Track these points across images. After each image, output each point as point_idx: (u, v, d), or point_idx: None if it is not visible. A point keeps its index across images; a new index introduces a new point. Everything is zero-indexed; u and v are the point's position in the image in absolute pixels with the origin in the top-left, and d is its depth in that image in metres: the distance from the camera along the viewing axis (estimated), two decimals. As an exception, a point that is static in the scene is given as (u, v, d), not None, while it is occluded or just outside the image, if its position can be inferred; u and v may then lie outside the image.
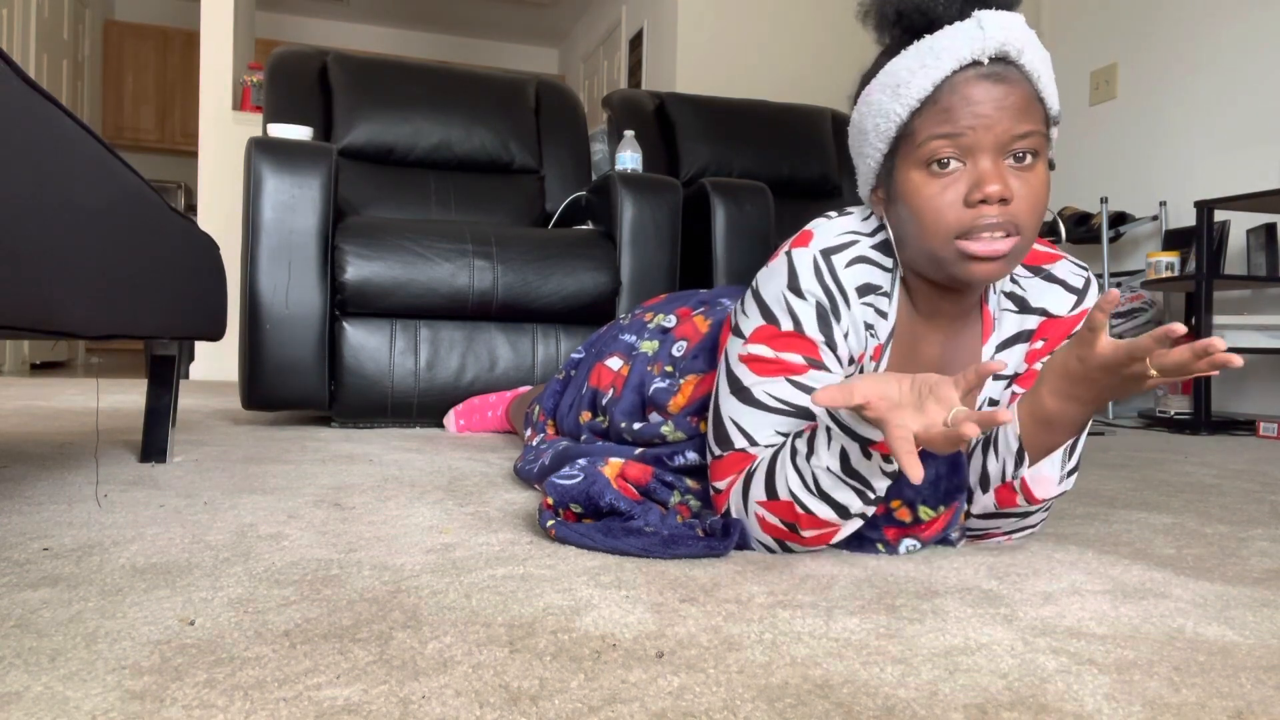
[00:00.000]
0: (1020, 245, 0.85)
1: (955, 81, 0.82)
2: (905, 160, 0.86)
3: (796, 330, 0.93)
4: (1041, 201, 0.84)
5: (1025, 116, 0.82)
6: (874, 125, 0.88)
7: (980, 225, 0.83)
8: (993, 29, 0.81)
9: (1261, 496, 1.46)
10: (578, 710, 0.54)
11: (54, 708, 0.52)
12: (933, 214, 0.84)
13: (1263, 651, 0.68)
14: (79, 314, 0.82)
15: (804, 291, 0.93)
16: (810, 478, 0.87)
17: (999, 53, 0.81)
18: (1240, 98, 3.18)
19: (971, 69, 0.82)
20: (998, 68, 0.82)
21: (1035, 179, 0.84)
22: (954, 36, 0.82)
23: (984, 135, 0.81)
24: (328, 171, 2.12)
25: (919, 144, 0.84)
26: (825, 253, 0.94)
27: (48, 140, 0.74)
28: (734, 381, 0.96)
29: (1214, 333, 2.80)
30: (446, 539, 0.99)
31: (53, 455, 1.54)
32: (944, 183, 0.84)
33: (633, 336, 1.42)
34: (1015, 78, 0.82)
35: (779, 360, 0.93)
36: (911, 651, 0.66)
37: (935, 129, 0.82)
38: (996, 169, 0.82)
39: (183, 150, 7.01)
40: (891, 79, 0.85)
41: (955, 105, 0.82)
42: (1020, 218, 0.83)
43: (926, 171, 0.84)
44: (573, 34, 7.60)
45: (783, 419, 0.93)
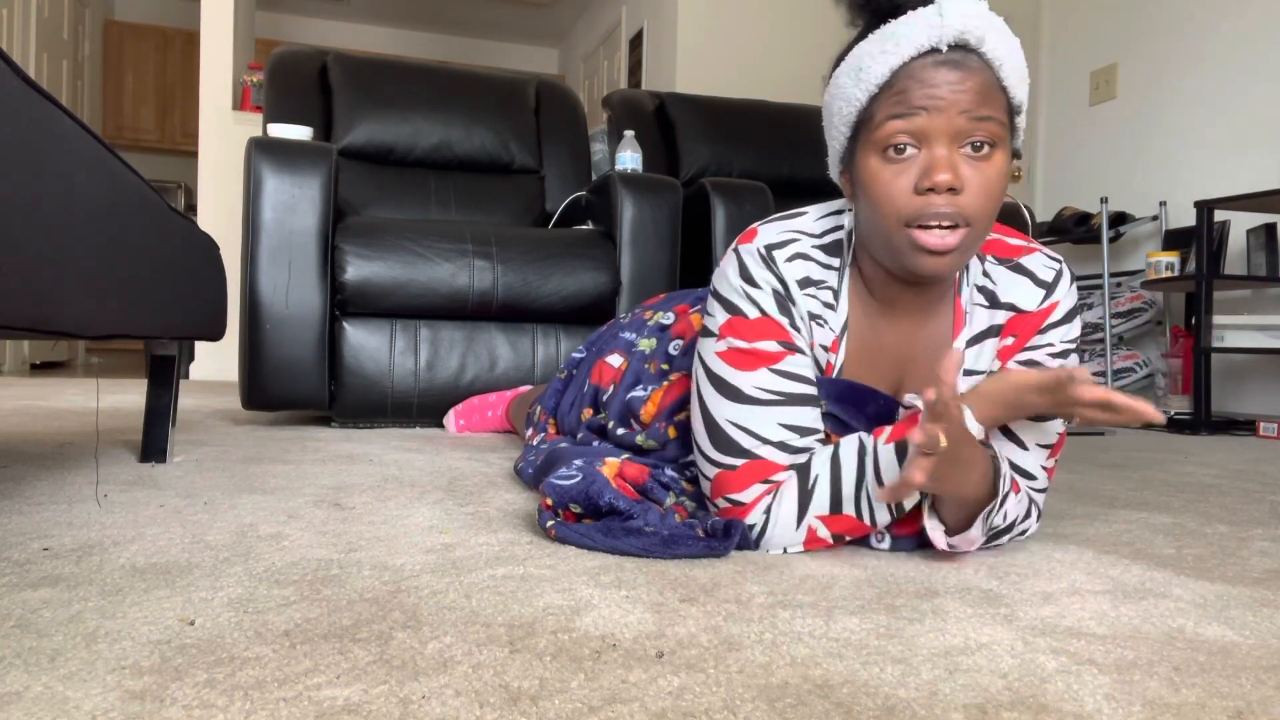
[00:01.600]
0: (970, 237, 0.85)
1: (913, 67, 0.83)
2: (864, 145, 0.87)
3: (762, 314, 0.94)
4: (995, 192, 0.84)
5: (983, 102, 0.82)
6: (838, 109, 0.89)
7: (928, 214, 0.83)
8: (952, 16, 0.81)
9: (1261, 496, 1.46)
10: (578, 710, 0.54)
11: (54, 708, 0.52)
12: (886, 200, 0.85)
13: (1263, 651, 0.68)
14: (79, 314, 0.82)
15: (757, 280, 0.95)
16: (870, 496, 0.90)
17: (958, 40, 0.82)
18: (1240, 98, 3.18)
19: (930, 55, 0.82)
20: (956, 55, 0.82)
21: (990, 169, 0.84)
22: (914, 23, 0.82)
23: (937, 118, 0.82)
24: (328, 171, 2.12)
25: (875, 127, 0.85)
26: (768, 247, 0.96)
27: (48, 140, 0.74)
28: (718, 382, 0.96)
29: (1214, 333, 2.80)
30: (446, 539, 0.99)
31: (53, 455, 1.54)
32: (897, 169, 0.84)
33: (632, 334, 1.42)
34: (974, 64, 0.82)
35: (755, 350, 0.94)
36: (911, 651, 0.66)
37: (891, 110, 0.83)
38: (949, 157, 0.83)
39: (183, 150, 7.01)
40: (855, 62, 0.86)
41: (910, 88, 0.82)
42: (970, 209, 0.83)
43: (882, 157, 0.85)
44: (573, 34, 7.60)
45: (779, 410, 0.94)
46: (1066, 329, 0.99)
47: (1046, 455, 0.98)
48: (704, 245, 2.53)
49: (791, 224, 0.99)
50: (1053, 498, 1.38)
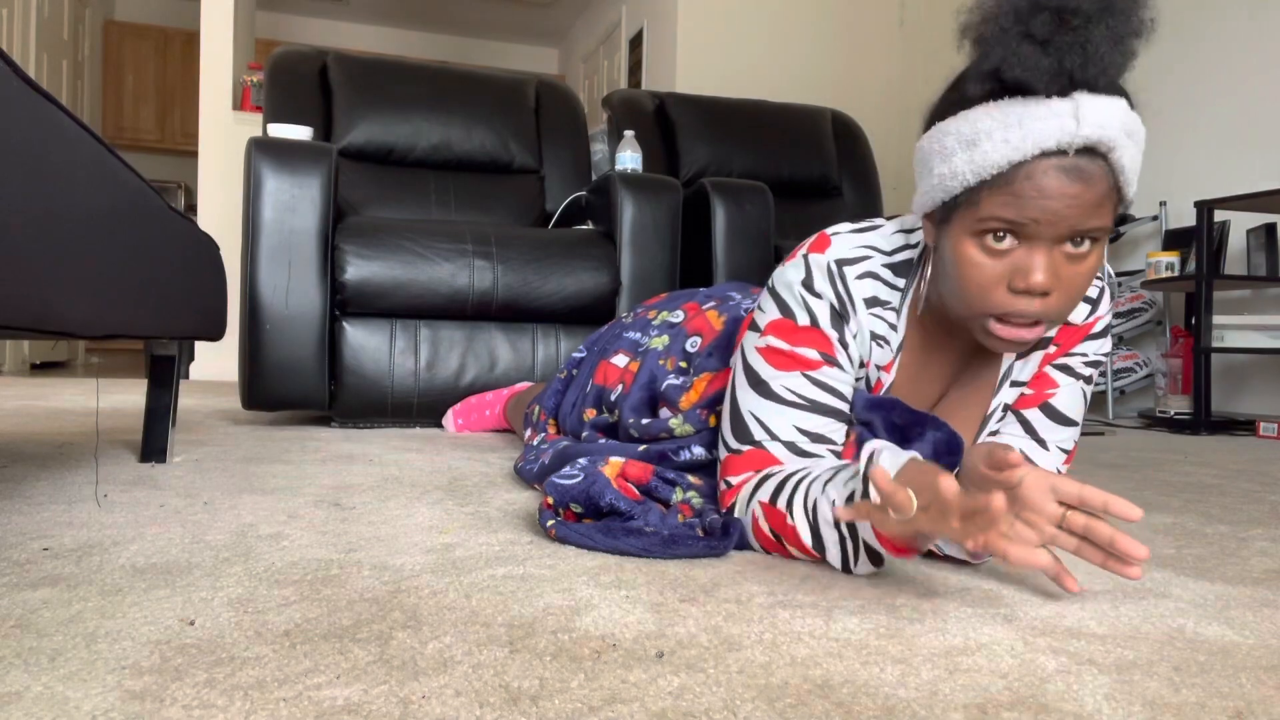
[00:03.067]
0: (1047, 330, 0.84)
1: (1033, 168, 0.77)
2: (962, 219, 0.82)
3: (812, 324, 0.94)
4: (1084, 288, 0.82)
5: (1095, 215, 0.78)
6: (940, 173, 0.83)
7: (1014, 313, 0.81)
8: (1090, 118, 0.75)
9: (1261, 496, 1.46)
10: (578, 710, 0.54)
11: (54, 708, 0.52)
12: (975, 287, 0.82)
13: (1263, 651, 0.68)
14: (79, 314, 0.82)
15: (818, 291, 0.94)
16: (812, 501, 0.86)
17: (1088, 145, 0.76)
18: (1240, 98, 3.18)
19: (1054, 157, 0.76)
20: (1082, 160, 0.76)
21: (1085, 265, 0.81)
22: (1045, 120, 0.76)
23: (1047, 229, 0.78)
24: (328, 171, 2.12)
25: (980, 216, 0.80)
26: (839, 262, 0.95)
27: (48, 140, 0.74)
28: (751, 375, 0.97)
29: (1214, 333, 2.80)
30: (446, 539, 0.99)
31: (53, 455, 1.54)
32: (993, 259, 0.81)
33: (638, 334, 1.42)
34: (1097, 174, 0.77)
35: (794, 354, 0.95)
36: (911, 651, 0.66)
37: (999, 211, 0.79)
38: (1049, 260, 0.79)
39: (183, 150, 7.02)
40: (970, 130, 0.79)
41: (1026, 192, 0.77)
42: (1056, 310, 0.81)
43: (978, 242, 0.81)
44: (573, 34, 7.60)
45: (800, 413, 0.94)
46: (1102, 342, 1.00)
47: (1063, 460, 1.00)
48: (704, 245, 2.53)
49: (865, 239, 0.97)
50: (1053, 498, 1.38)
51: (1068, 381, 0.99)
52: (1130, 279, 3.48)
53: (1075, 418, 0.99)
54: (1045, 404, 0.98)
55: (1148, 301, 3.36)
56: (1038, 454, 0.98)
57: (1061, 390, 0.98)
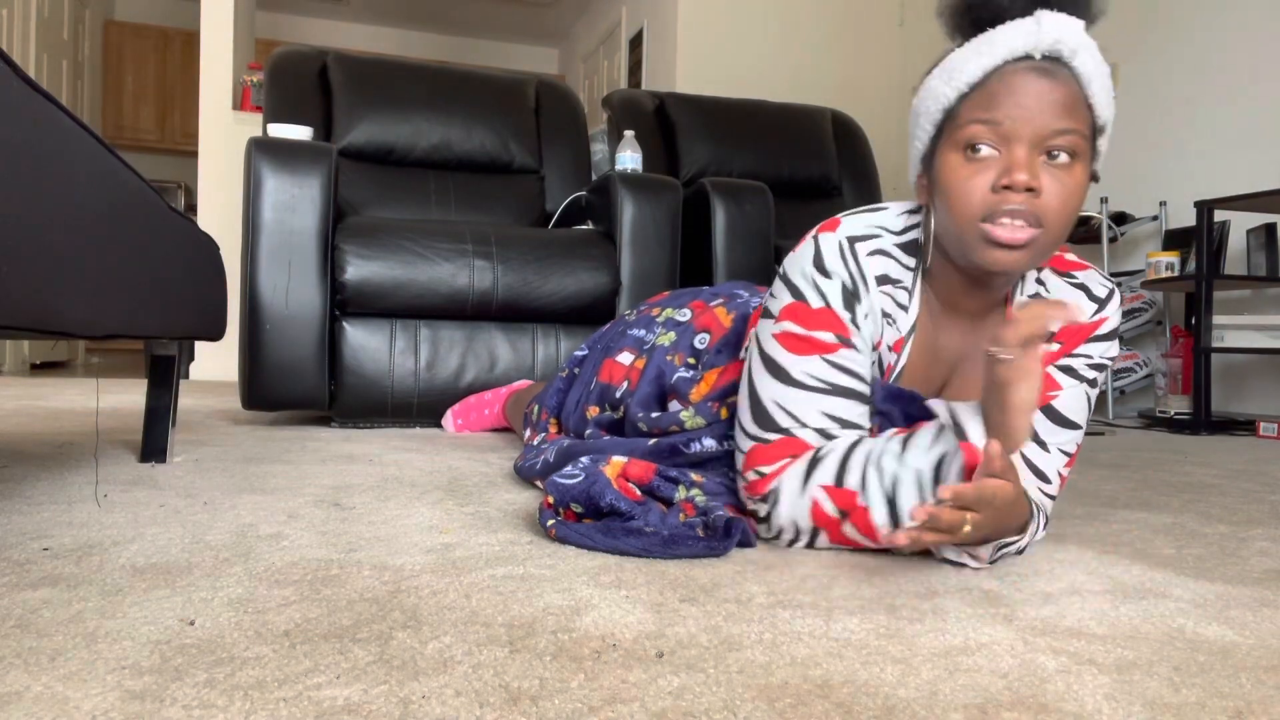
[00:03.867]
0: (1043, 240, 0.85)
1: (1004, 71, 0.84)
2: (946, 142, 0.88)
3: (826, 306, 0.95)
4: (1072, 202, 0.85)
5: (1068, 114, 0.83)
6: (926, 108, 0.90)
7: (1003, 209, 0.84)
8: (1049, 27, 0.83)
9: (1261, 496, 1.46)
10: (578, 710, 0.54)
11: (54, 708, 0.52)
12: (962, 195, 0.86)
13: (1263, 651, 0.68)
14: (79, 314, 0.82)
15: (829, 270, 0.95)
16: (890, 476, 0.88)
17: (1052, 50, 0.83)
18: (1240, 98, 3.18)
19: (1023, 61, 0.84)
20: (1048, 64, 0.83)
21: (1070, 179, 0.84)
22: (1011, 30, 0.84)
23: (1022, 125, 0.83)
24: (328, 171, 2.12)
25: (960, 125, 0.86)
26: (850, 239, 0.96)
27: (48, 140, 0.74)
28: (769, 362, 0.97)
29: (1214, 333, 2.80)
30: (446, 539, 0.99)
31: (53, 455, 1.54)
32: (976, 167, 0.85)
33: (643, 331, 1.42)
34: (1064, 76, 0.83)
35: (811, 338, 0.95)
36: (911, 651, 0.66)
37: (976, 113, 0.84)
38: (1029, 160, 0.83)
39: (183, 150, 7.02)
40: (949, 65, 0.88)
41: (999, 92, 0.83)
42: (1046, 212, 0.84)
43: (963, 154, 0.86)
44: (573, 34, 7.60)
45: (825, 398, 0.94)
46: (1108, 345, 1.00)
47: (1065, 463, 0.99)
48: (704, 245, 2.53)
49: (875, 218, 0.99)
50: (1053, 498, 1.38)
51: (1071, 383, 0.98)
52: (1130, 279, 3.48)
53: (1078, 420, 0.99)
54: (1047, 405, 0.98)
55: (1148, 301, 3.36)
56: (1038, 455, 0.98)
57: (1064, 392, 0.98)
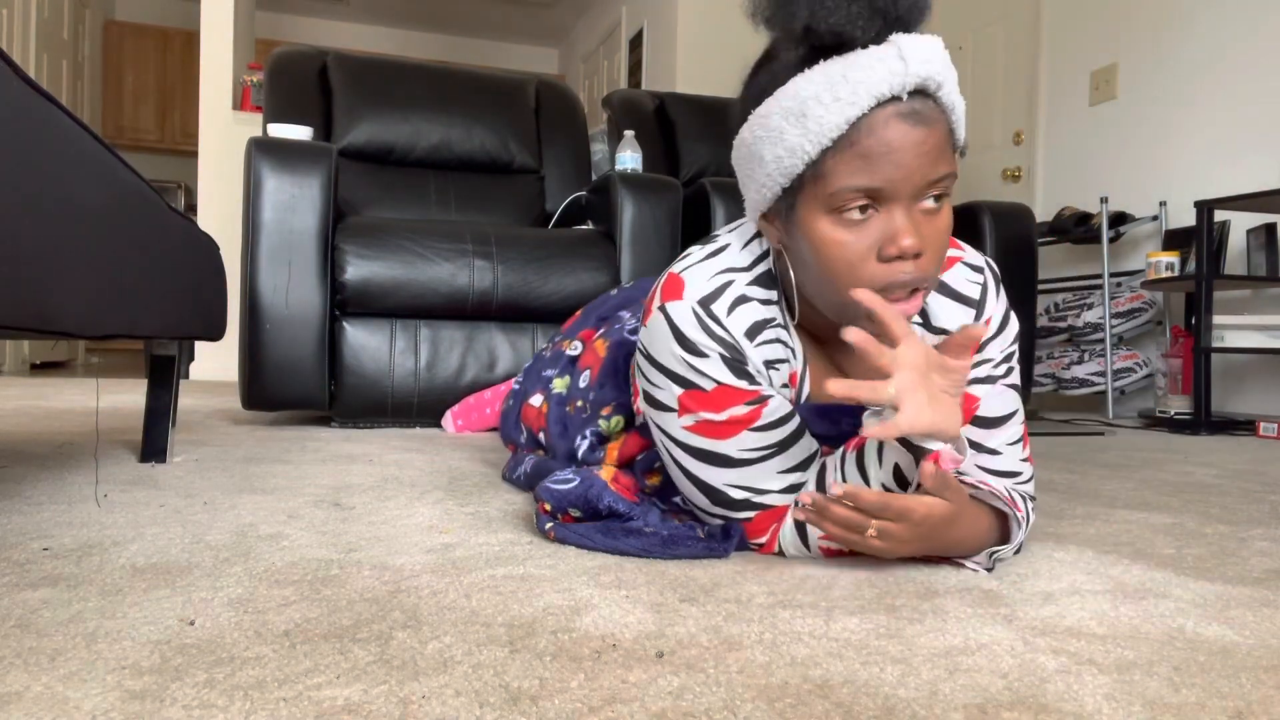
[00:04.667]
0: (926, 296, 0.81)
1: (873, 121, 0.74)
2: (811, 200, 0.78)
3: (719, 384, 0.86)
4: (945, 244, 0.80)
5: (942, 159, 0.76)
6: (775, 156, 0.78)
7: (895, 284, 0.77)
8: (915, 61, 0.73)
9: (1261, 496, 1.46)
10: (578, 710, 0.54)
11: (54, 708, 0.52)
12: (844, 266, 0.77)
13: (1263, 651, 0.68)
14: (79, 314, 0.82)
15: (699, 348, 0.86)
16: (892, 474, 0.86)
17: (918, 87, 0.74)
18: (1240, 98, 3.18)
19: (890, 105, 0.74)
20: (916, 104, 0.74)
21: (942, 221, 0.78)
22: (871, 68, 0.73)
23: (901, 185, 0.75)
24: (328, 171, 2.12)
25: (830, 188, 0.76)
26: (703, 303, 0.86)
27: (48, 140, 0.74)
28: (701, 455, 0.89)
29: (1214, 333, 2.80)
30: (446, 539, 0.99)
31: (53, 455, 1.54)
32: (855, 233, 0.77)
33: (551, 370, 1.36)
34: (934, 116, 0.75)
35: (729, 418, 0.87)
36: (911, 651, 0.66)
37: (852, 179, 0.75)
38: (910, 219, 0.76)
39: (183, 150, 7.02)
40: (797, 104, 0.75)
41: (874, 151, 0.74)
42: (929, 270, 0.78)
43: (836, 218, 0.77)
44: (573, 34, 7.60)
45: (774, 460, 0.89)
46: (1001, 338, 0.94)
47: (1021, 448, 0.95)
48: (704, 245, 2.53)
49: (717, 263, 0.89)
50: (1053, 498, 1.38)
51: (986, 390, 0.92)
52: (1130, 279, 3.48)
53: (1009, 410, 0.94)
54: (975, 418, 0.92)
55: (1148, 301, 3.36)
56: (994, 461, 0.93)
57: (985, 401, 0.92)
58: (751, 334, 0.87)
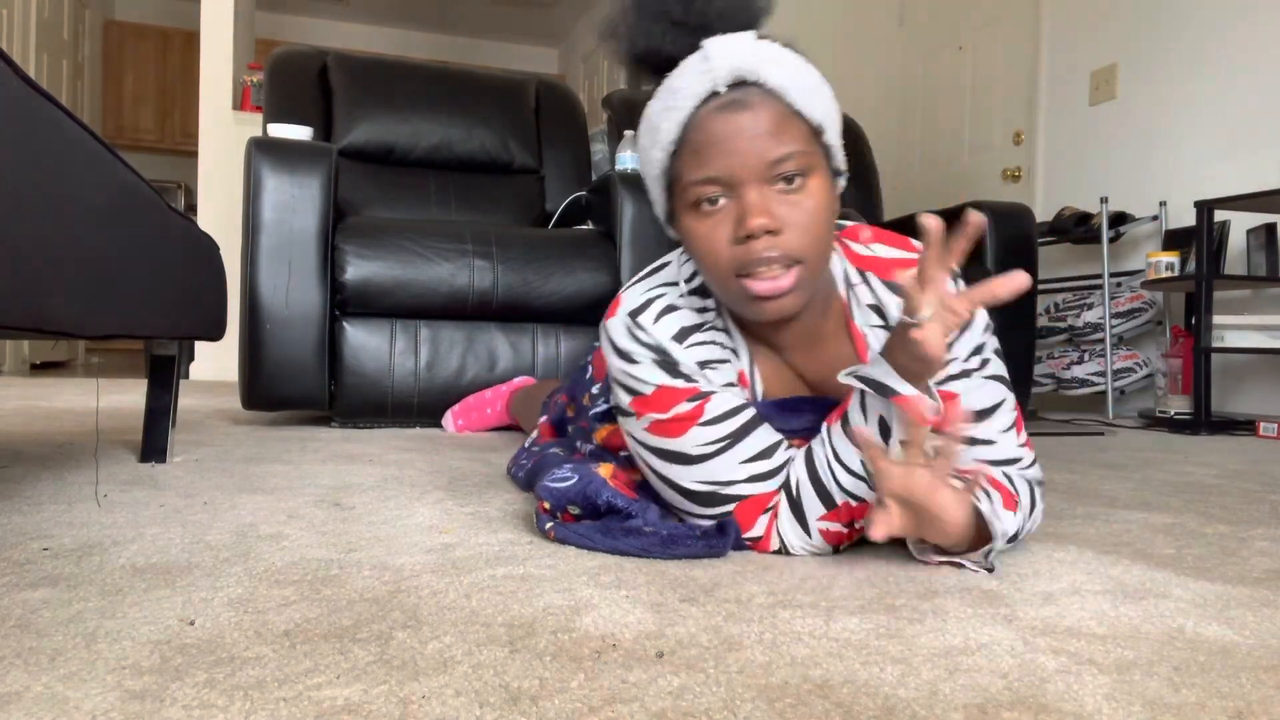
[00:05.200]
0: (806, 273, 0.82)
1: (699, 119, 0.80)
2: (679, 203, 0.84)
3: (659, 386, 0.91)
4: (818, 222, 0.81)
5: (780, 138, 0.79)
6: (648, 171, 0.87)
7: (755, 260, 0.80)
8: (719, 57, 0.79)
9: (1261, 496, 1.46)
10: (578, 710, 0.54)
11: (54, 708, 0.52)
12: (709, 255, 0.82)
13: (1263, 651, 0.68)
14: (79, 314, 0.82)
15: (631, 355, 0.92)
16: (860, 465, 0.87)
17: (733, 79, 0.79)
18: (1240, 98, 3.18)
19: (712, 101, 0.80)
20: (737, 94, 0.79)
21: (808, 200, 0.81)
22: (686, 74, 0.81)
23: (739, 169, 0.79)
24: (328, 171, 2.12)
25: (683, 186, 0.82)
26: (631, 314, 0.93)
27: (47, 140, 0.74)
28: (664, 454, 0.94)
29: (1214, 333, 2.80)
30: (446, 539, 0.99)
31: (53, 455, 1.54)
32: (713, 222, 0.82)
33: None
34: (758, 99, 0.79)
35: (675, 416, 0.91)
36: (911, 651, 0.66)
37: (692, 174, 0.81)
38: (762, 200, 0.79)
39: (183, 150, 7.02)
40: (649, 123, 0.85)
41: (703, 144, 0.80)
42: (796, 246, 0.80)
43: (696, 213, 0.83)
44: (573, 34, 7.60)
45: (732, 451, 0.91)
46: (968, 334, 0.91)
47: (1015, 434, 0.94)
48: (704, 245, 2.53)
49: (654, 280, 0.96)
50: (1053, 498, 1.38)
51: (964, 385, 0.91)
52: (1130, 279, 3.48)
53: (995, 401, 0.92)
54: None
55: (1148, 301, 3.36)
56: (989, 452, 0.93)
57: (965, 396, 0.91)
58: (680, 337, 0.93)
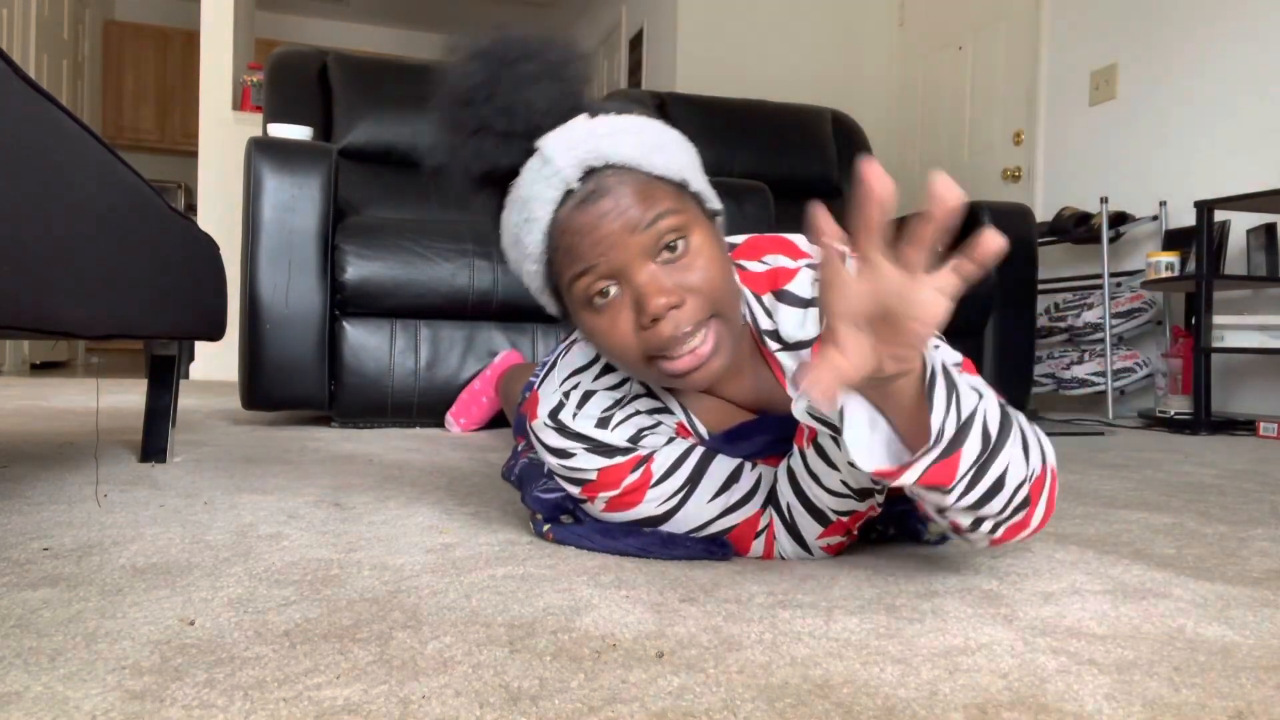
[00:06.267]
0: (724, 327, 0.78)
1: (560, 222, 0.76)
2: (569, 300, 0.80)
3: (601, 469, 0.90)
4: (716, 277, 0.77)
5: (644, 207, 0.75)
6: (530, 284, 0.83)
7: (668, 344, 0.76)
8: (559, 156, 0.75)
9: (1261, 496, 1.46)
10: (578, 710, 0.54)
11: (54, 708, 0.52)
12: (619, 349, 0.78)
13: (1263, 651, 0.68)
14: (79, 314, 0.82)
15: (566, 450, 0.90)
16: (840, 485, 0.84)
17: (582, 171, 0.75)
18: (1240, 98, 3.18)
19: (568, 201, 0.75)
20: (591, 183, 0.75)
21: (699, 257, 0.77)
22: (532, 182, 0.76)
23: (618, 255, 0.74)
24: (328, 171, 2.12)
25: (568, 288, 0.78)
26: (551, 414, 0.90)
27: (48, 140, 0.74)
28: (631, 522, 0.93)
29: (1214, 333, 2.80)
30: (446, 539, 0.99)
31: (53, 455, 1.54)
32: (611, 314, 0.77)
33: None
34: (611, 183, 0.75)
35: (627, 489, 0.90)
36: (911, 651, 0.66)
37: (570, 272, 0.76)
38: (652, 280, 0.75)
39: (183, 150, 7.02)
40: (507, 237, 0.81)
41: (573, 244, 0.75)
42: (702, 310, 0.76)
43: (591, 309, 0.78)
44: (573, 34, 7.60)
45: (694, 494, 0.90)
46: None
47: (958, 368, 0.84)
48: (704, 245, 2.52)
49: (561, 369, 0.93)
50: (1053, 498, 1.38)
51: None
52: (1130, 279, 3.48)
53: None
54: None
55: (1148, 301, 3.36)
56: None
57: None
58: (604, 423, 0.90)
